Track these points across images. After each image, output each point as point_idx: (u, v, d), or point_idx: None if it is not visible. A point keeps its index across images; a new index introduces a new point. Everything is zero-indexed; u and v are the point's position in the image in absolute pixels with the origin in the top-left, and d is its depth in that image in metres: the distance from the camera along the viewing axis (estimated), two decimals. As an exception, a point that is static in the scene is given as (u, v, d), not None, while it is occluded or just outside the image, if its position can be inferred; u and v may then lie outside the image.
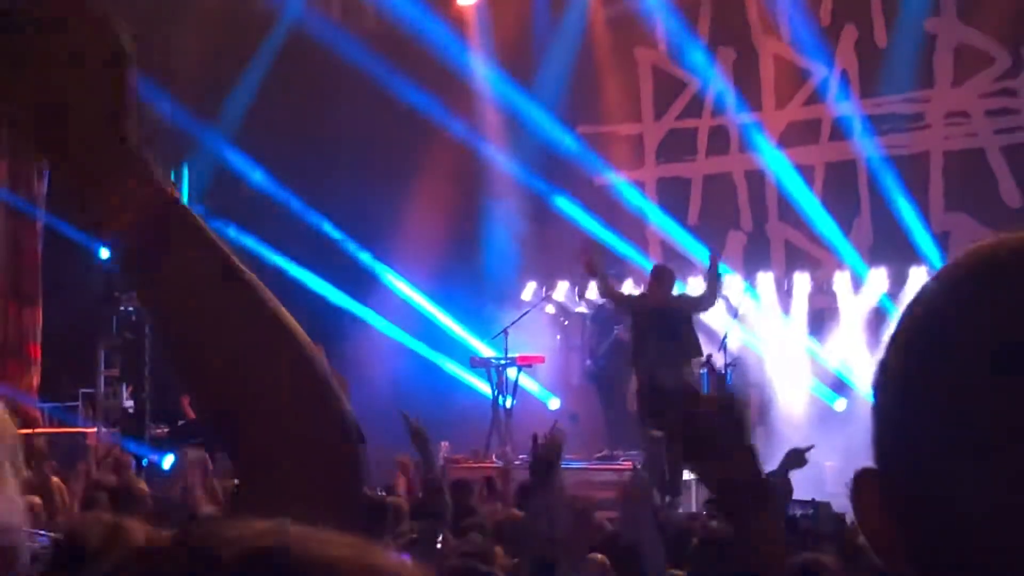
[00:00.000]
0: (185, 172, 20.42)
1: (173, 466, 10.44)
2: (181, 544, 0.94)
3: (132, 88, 1.50)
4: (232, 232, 19.72)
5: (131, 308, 19.14)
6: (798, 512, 9.42)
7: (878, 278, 17.77)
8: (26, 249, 18.45)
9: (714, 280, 14.64)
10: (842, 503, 10.22)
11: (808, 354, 18.14)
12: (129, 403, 18.92)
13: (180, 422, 17.33)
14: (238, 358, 1.51)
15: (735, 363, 17.46)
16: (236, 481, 1.58)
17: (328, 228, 19.24)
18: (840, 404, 17.56)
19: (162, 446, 16.67)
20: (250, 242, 19.38)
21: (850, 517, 9.48)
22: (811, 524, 8.69)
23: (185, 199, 1.56)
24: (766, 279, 18.58)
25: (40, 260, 18.60)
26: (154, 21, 18.99)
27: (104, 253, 19.04)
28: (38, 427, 17.07)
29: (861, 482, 1.23)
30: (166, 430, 17.50)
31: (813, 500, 9.94)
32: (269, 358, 1.52)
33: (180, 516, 7.41)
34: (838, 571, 5.52)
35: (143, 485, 8.12)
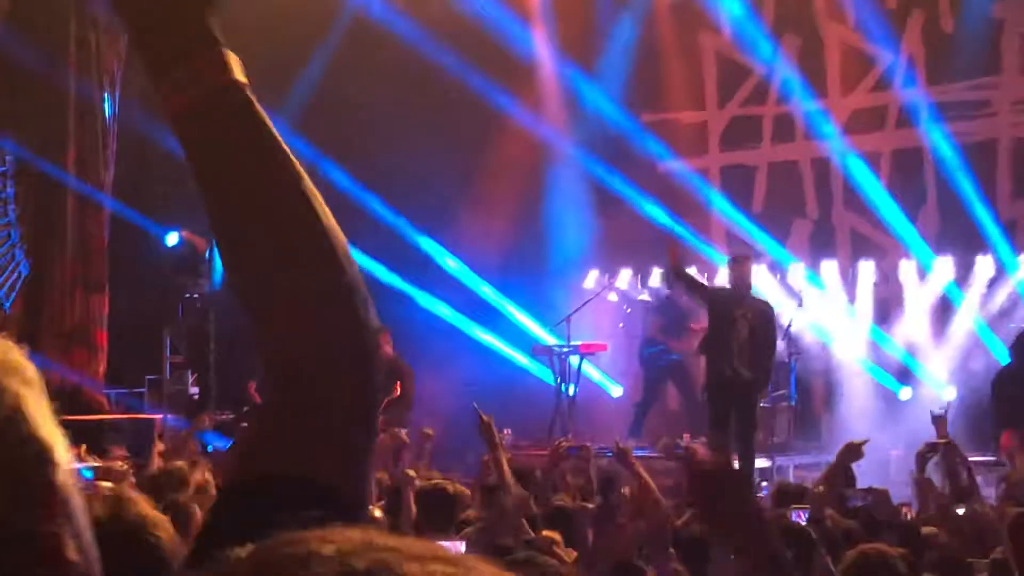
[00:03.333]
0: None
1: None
2: (267, 563, 0.93)
3: None
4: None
5: (196, 295, 19.27)
6: (858, 502, 9.35)
7: (944, 266, 17.62)
8: (93, 236, 18.58)
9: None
10: (905, 492, 10.18)
11: (873, 343, 18.02)
12: (194, 389, 19.04)
13: (245, 408, 17.42)
14: (273, 235, 1.58)
15: (799, 352, 17.39)
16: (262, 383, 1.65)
17: (391, 215, 19.28)
18: (905, 393, 17.45)
19: (227, 432, 16.75)
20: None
21: (910, 507, 9.44)
22: (869, 512, 8.63)
23: None
24: (831, 267, 18.47)
25: (106, 247, 18.73)
26: (217, 5, 19.10)
27: (170, 240, 19.18)
28: (104, 413, 17.22)
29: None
30: (231, 416, 17.58)
31: (870, 488, 9.86)
32: (301, 238, 1.59)
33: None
34: (902, 561, 5.49)
35: (210, 472, 8.15)
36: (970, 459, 11.90)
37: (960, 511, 8.27)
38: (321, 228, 1.60)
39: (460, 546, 5.98)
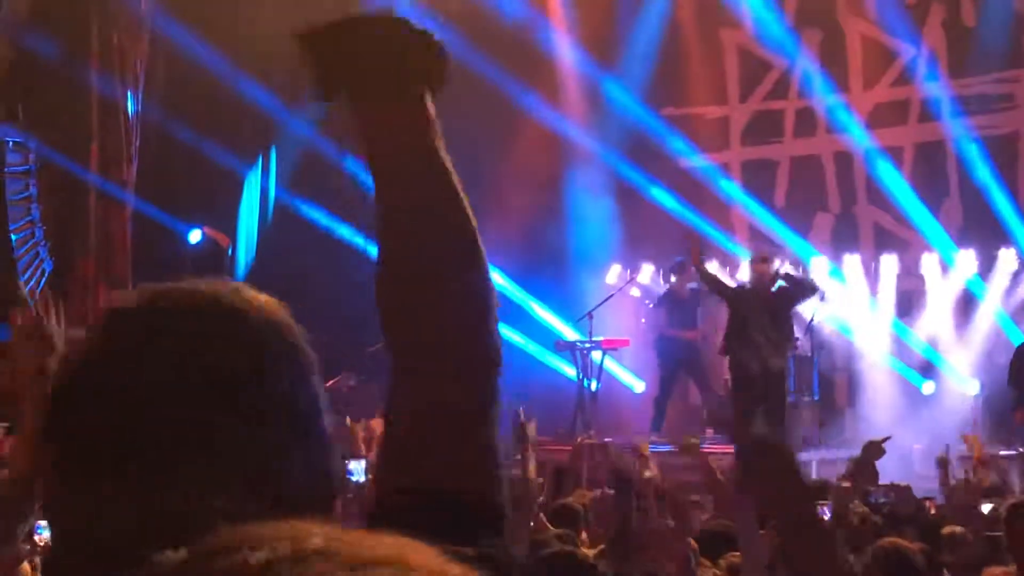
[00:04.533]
0: (273, 156, 20.58)
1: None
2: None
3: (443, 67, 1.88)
4: (321, 216, 19.88)
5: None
6: (881, 499, 9.36)
7: (967, 260, 17.58)
8: (116, 234, 18.64)
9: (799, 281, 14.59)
10: (928, 486, 10.16)
11: (896, 337, 17.99)
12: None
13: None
14: (436, 261, 1.74)
15: (822, 346, 17.37)
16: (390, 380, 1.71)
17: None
18: (928, 387, 17.43)
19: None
20: (344, 230, 19.57)
21: (933, 501, 9.43)
22: (891, 508, 8.64)
23: (273, 182, 1.72)
24: (853, 261, 18.43)
25: (129, 245, 18.79)
26: (241, 4, 19.15)
27: (193, 236, 19.25)
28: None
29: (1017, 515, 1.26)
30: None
31: (893, 484, 9.87)
32: (458, 261, 1.76)
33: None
34: (921, 555, 5.50)
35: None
36: (999, 453, 11.92)
37: (986, 509, 8.26)
38: (481, 261, 1.77)
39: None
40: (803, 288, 14.58)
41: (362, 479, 8.18)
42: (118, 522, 1.32)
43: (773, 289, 14.58)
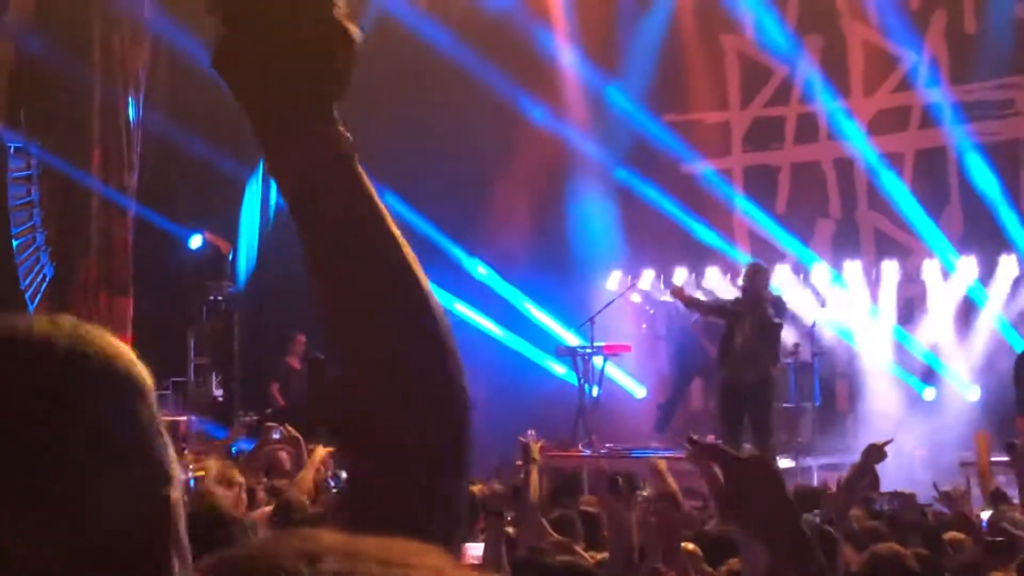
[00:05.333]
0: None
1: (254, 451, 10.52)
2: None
3: (348, 57, 1.69)
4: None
5: (220, 297, 19.33)
6: (885, 506, 9.36)
7: (968, 266, 17.58)
8: (117, 239, 18.65)
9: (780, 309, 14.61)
10: (930, 492, 10.15)
11: (897, 343, 17.99)
12: (219, 391, 19.10)
13: (268, 410, 17.49)
14: (373, 300, 1.63)
15: (823, 352, 17.36)
16: (337, 443, 1.68)
17: (413, 216, 19.29)
18: (929, 393, 17.42)
19: (252, 434, 16.81)
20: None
21: (932, 509, 9.42)
22: (894, 514, 8.63)
23: (274, 188, 1.68)
24: (854, 267, 18.42)
25: (131, 250, 18.80)
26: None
27: (194, 242, 19.26)
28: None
29: None
30: (255, 418, 17.64)
31: (896, 492, 9.89)
32: (400, 301, 1.62)
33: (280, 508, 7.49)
34: (917, 561, 5.51)
35: (238, 473, 8.18)
36: (997, 460, 11.89)
37: (986, 515, 8.26)
38: (423, 295, 1.63)
39: (479, 548, 6.00)
40: (779, 313, 14.60)
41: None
42: None
43: (770, 291, 14.58)
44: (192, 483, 7.43)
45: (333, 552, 0.94)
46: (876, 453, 7.25)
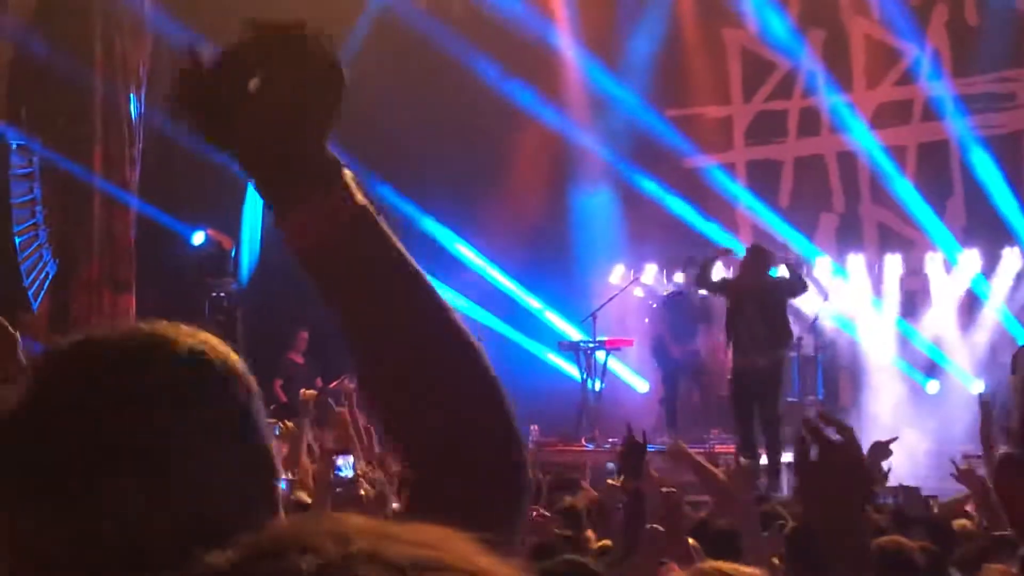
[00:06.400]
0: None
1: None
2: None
3: (339, 105, 1.64)
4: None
5: (223, 294, 19.33)
6: (890, 499, 9.35)
7: (971, 259, 17.58)
8: (119, 236, 18.63)
9: (795, 273, 14.50)
10: (934, 485, 10.15)
11: (900, 336, 17.98)
12: (221, 387, 19.07)
13: (272, 406, 17.48)
14: (411, 354, 1.63)
15: (826, 345, 17.35)
16: (405, 490, 1.71)
17: (415, 212, 19.28)
18: (932, 386, 17.42)
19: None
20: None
21: (938, 501, 9.41)
22: (898, 508, 8.61)
23: None
24: (858, 261, 18.42)
25: (133, 247, 18.78)
26: (241, 8, 19.14)
27: (197, 239, 19.26)
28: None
29: (1007, 466, 1.25)
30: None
31: (901, 485, 9.87)
32: (439, 352, 1.64)
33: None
34: (923, 554, 5.50)
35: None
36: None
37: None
38: (459, 332, 1.65)
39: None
40: (794, 282, 14.42)
41: (350, 474, 8.12)
42: (57, 545, 1.34)
43: (770, 275, 14.45)
44: None
45: (363, 533, 0.94)
46: (881, 450, 7.24)
